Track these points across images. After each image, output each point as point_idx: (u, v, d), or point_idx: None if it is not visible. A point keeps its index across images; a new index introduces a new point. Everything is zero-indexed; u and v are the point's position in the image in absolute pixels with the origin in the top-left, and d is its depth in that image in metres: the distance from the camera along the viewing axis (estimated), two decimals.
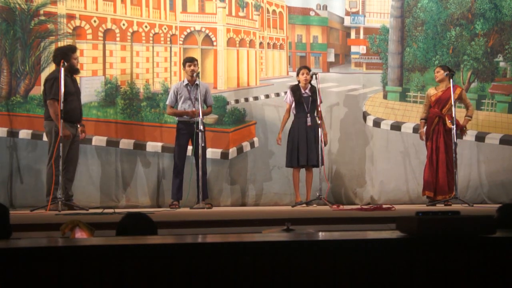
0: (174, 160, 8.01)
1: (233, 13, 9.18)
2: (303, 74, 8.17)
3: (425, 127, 8.30)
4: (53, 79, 7.20)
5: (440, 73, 8.19)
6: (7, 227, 3.24)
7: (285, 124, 8.26)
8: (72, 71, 7.26)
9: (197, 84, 7.91)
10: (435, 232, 2.58)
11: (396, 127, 9.36)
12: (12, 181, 8.01)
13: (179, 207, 7.78)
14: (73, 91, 7.24)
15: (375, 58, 9.51)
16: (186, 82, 7.98)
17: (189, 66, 7.92)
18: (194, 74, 7.87)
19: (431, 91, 8.36)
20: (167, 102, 8.08)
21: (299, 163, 8.11)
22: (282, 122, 8.30)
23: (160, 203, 8.37)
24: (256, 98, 9.10)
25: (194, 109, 7.83)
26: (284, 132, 8.48)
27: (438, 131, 8.18)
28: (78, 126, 7.37)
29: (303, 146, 8.08)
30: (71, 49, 7.42)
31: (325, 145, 8.10)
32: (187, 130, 7.87)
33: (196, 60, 8.06)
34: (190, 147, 7.98)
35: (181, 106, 7.95)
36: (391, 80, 9.45)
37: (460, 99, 8.32)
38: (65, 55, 7.21)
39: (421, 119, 8.41)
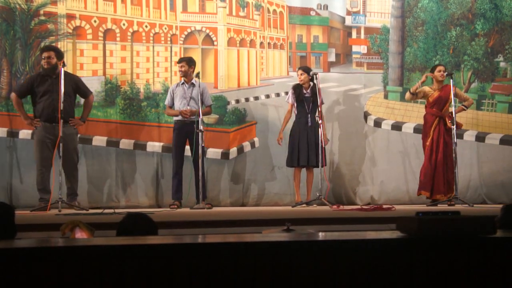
0: (172, 160, 8.00)
1: (234, 13, 9.18)
2: (299, 74, 8.19)
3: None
4: (27, 77, 7.78)
5: (442, 74, 8.18)
6: (12, 227, 3.24)
7: (286, 124, 8.26)
8: (48, 71, 7.30)
9: (193, 84, 7.94)
10: (435, 232, 2.58)
11: (396, 127, 9.36)
12: (12, 181, 8.02)
13: (179, 207, 7.78)
14: (46, 90, 7.24)
15: (376, 58, 9.50)
16: (182, 81, 8.00)
17: (180, 66, 7.96)
18: (193, 74, 7.91)
19: (426, 88, 8.31)
20: (165, 103, 8.11)
21: (300, 163, 8.12)
22: (284, 121, 8.29)
23: (160, 203, 8.37)
24: (256, 98, 9.10)
25: (188, 107, 7.84)
26: (285, 132, 8.48)
27: (439, 131, 8.17)
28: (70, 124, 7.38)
29: (303, 146, 8.08)
30: (41, 50, 7.60)
31: (324, 145, 8.09)
32: (183, 129, 7.88)
33: (185, 61, 8.00)
34: (187, 147, 7.97)
35: (177, 106, 7.97)
36: (392, 80, 9.45)
37: (456, 96, 8.32)
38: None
39: (412, 90, 8.31)
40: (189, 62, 8.01)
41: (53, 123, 7.21)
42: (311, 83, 8.18)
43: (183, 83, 7.98)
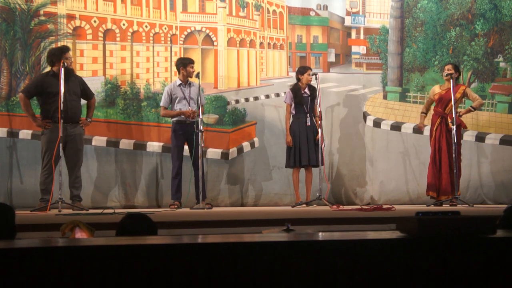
0: (172, 161, 7.99)
1: (234, 13, 9.18)
2: (309, 74, 8.17)
3: (427, 125, 8.34)
4: (34, 77, 7.72)
5: (443, 73, 8.20)
6: (12, 228, 3.25)
7: (289, 124, 8.22)
8: (65, 71, 7.21)
9: (190, 84, 7.95)
10: (435, 233, 2.58)
11: (396, 127, 9.36)
12: (12, 181, 8.02)
13: (179, 207, 7.78)
14: (57, 91, 7.20)
15: (375, 58, 9.51)
16: (179, 82, 7.98)
17: (192, 67, 7.94)
18: (194, 75, 7.91)
19: (436, 88, 8.37)
20: (161, 104, 8.06)
21: (301, 163, 8.11)
22: (286, 123, 8.23)
23: (160, 204, 8.37)
24: (256, 98, 9.10)
25: (190, 108, 7.84)
26: (282, 133, 8.47)
27: (441, 131, 8.17)
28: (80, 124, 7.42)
29: (304, 146, 8.08)
30: (62, 50, 7.43)
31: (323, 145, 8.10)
32: (183, 130, 7.88)
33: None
34: (186, 147, 7.97)
35: (176, 107, 7.95)
36: (391, 81, 9.45)
37: (466, 96, 8.34)
38: (55, 57, 7.30)
39: (422, 112, 8.44)
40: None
41: (64, 123, 7.23)
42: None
43: (180, 84, 7.98)
